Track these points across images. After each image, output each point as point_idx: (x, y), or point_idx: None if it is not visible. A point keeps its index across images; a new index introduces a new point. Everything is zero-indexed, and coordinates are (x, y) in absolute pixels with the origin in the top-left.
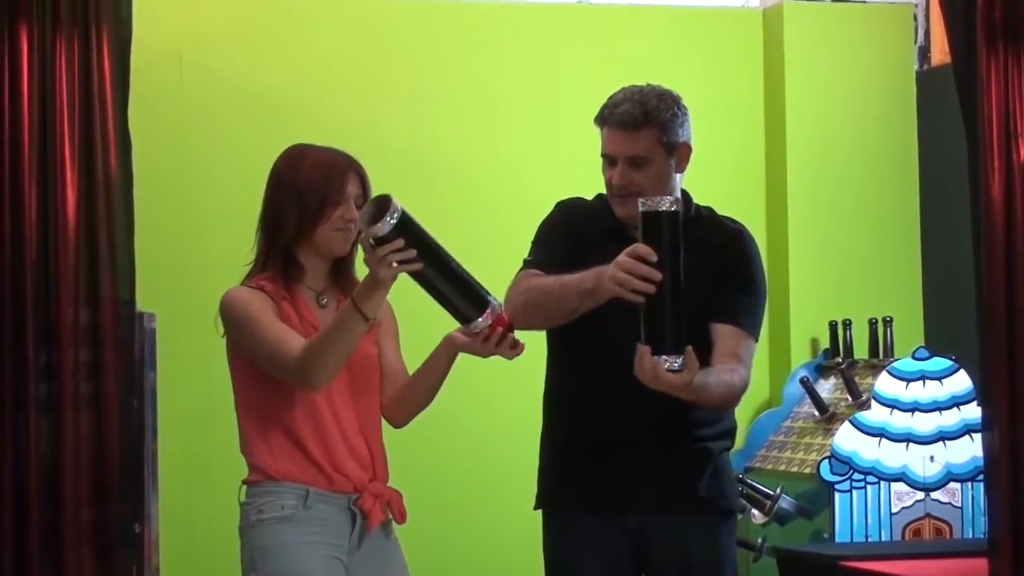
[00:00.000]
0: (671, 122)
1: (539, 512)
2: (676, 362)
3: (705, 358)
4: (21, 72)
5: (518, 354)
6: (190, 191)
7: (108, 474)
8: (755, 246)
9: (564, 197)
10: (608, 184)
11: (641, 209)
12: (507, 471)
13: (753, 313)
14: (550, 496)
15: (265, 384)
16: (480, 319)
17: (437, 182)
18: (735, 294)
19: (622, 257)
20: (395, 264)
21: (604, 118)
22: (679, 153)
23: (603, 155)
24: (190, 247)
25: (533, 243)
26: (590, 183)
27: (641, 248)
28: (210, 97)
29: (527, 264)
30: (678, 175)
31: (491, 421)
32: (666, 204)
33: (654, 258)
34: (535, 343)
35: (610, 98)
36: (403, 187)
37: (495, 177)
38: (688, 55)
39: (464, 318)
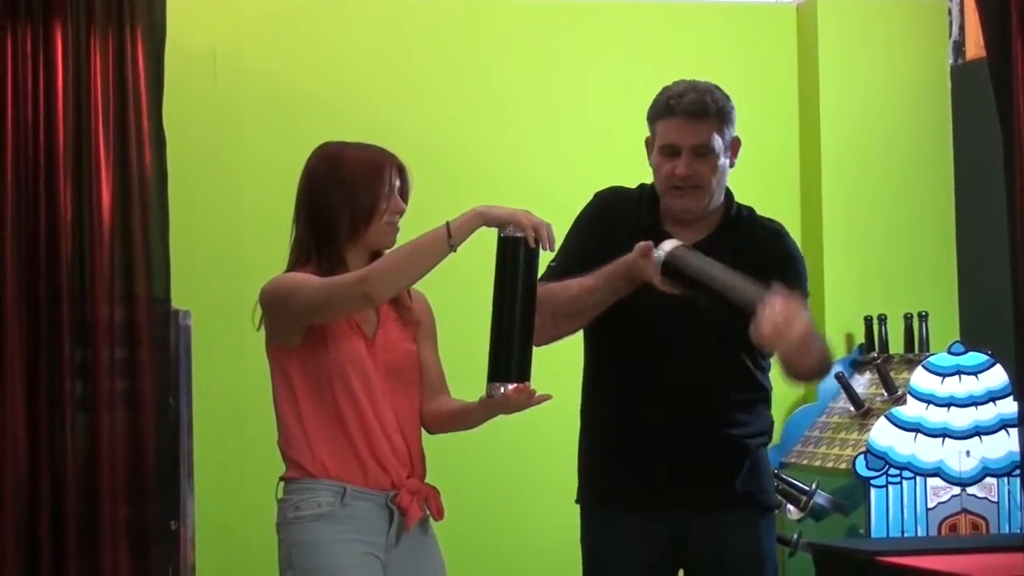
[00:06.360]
0: (729, 115)
1: (576, 509)
2: None
3: (752, 362)
4: (56, 71)
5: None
6: (224, 189)
7: (144, 472)
8: (796, 246)
9: (601, 193)
10: (667, 177)
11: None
12: (543, 468)
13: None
14: (589, 493)
15: (310, 374)
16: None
17: (468, 180)
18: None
19: None
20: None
21: (669, 108)
22: (732, 146)
23: (662, 147)
24: (225, 244)
25: (564, 240)
26: (619, 179)
27: None
28: (244, 95)
29: (549, 271)
30: (730, 169)
31: (526, 419)
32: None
33: None
34: (570, 341)
35: (666, 92)
36: (436, 186)
37: (527, 177)
38: (722, 50)
39: (504, 375)
